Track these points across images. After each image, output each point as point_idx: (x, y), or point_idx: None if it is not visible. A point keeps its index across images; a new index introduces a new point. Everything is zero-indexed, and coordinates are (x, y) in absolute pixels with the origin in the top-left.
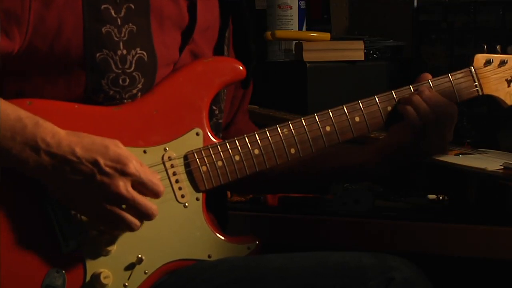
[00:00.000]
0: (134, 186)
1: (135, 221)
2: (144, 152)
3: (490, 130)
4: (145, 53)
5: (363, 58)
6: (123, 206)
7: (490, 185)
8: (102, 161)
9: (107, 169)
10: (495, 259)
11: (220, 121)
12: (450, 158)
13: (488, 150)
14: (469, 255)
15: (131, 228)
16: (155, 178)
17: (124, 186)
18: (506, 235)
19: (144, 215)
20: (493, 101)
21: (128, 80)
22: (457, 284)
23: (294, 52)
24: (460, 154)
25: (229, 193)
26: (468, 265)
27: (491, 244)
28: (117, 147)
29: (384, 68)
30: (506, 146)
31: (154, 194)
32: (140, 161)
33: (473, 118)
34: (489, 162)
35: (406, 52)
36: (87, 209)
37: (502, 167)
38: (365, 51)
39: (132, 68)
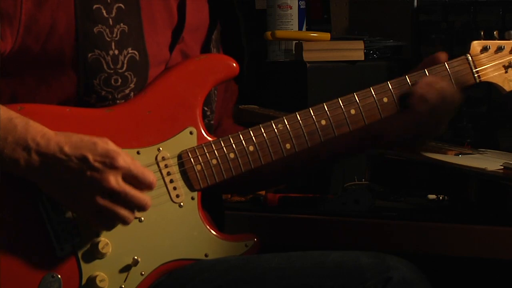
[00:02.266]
0: (125, 180)
1: (128, 215)
2: (138, 153)
3: (490, 130)
4: (136, 53)
5: (363, 58)
6: (115, 200)
7: (490, 185)
8: (91, 157)
9: (96, 164)
10: (495, 259)
11: (211, 122)
12: (450, 158)
13: (488, 150)
14: (469, 255)
15: (124, 222)
16: (146, 170)
17: (114, 180)
18: (506, 235)
19: (138, 207)
20: (493, 101)
21: (120, 80)
22: (456, 284)
23: (294, 52)
24: (460, 154)
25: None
26: (468, 265)
27: (491, 244)
28: (105, 143)
29: (384, 68)
30: (506, 146)
31: (146, 185)
32: (131, 156)
33: (473, 118)
34: (489, 162)
35: (406, 52)
36: (80, 206)
37: (502, 167)
38: (365, 51)
39: (124, 68)
